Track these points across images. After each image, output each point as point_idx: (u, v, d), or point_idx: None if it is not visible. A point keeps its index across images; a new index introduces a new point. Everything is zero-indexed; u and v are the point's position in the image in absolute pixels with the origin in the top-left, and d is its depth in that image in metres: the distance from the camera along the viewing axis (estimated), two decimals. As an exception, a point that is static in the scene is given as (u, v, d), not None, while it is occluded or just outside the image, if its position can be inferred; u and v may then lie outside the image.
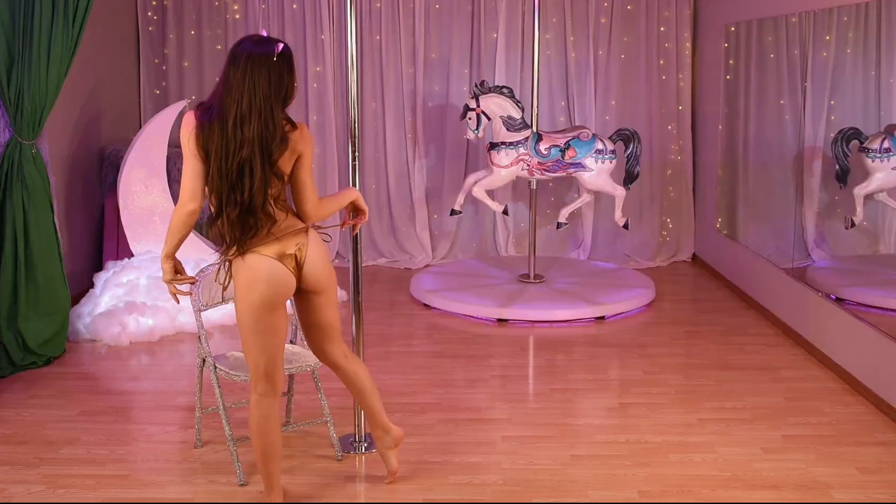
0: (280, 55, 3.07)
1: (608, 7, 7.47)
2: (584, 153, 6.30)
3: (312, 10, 7.37)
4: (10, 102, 4.88)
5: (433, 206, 7.64)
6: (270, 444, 3.32)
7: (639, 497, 3.63)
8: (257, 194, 3.04)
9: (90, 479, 3.77)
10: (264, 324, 3.19)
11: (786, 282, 5.72)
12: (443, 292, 6.31)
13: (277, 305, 3.20)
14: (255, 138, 3.01)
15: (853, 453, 3.99)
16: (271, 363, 3.25)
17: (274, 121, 3.04)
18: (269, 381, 3.27)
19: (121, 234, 6.13)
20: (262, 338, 3.21)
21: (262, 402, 3.28)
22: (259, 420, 3.29)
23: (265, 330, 3.20)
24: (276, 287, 3.17)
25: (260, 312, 3.17)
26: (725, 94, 6.83)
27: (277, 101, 3.06)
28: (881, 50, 4.99)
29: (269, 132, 3.03)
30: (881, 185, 5.04)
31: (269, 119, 3.03)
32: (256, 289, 3.15)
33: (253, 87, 3.01)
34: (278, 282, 3.17)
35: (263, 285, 3.15)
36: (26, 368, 5.01)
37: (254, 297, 3.15)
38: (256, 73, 3.02)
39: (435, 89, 7.54)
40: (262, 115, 3.01)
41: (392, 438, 3.70)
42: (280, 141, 3.06)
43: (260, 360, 3.24)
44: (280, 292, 3.19)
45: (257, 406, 3.28)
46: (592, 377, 4.98)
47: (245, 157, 3.01)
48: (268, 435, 3.31)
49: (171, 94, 7.42)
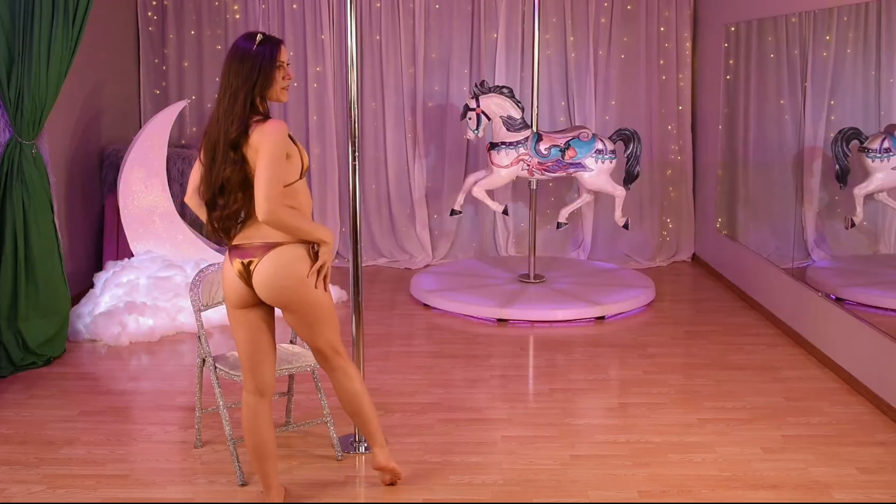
0: (259, 44, 3.12)
1: (608, 7, 7.47)
2: (584, 153, 6.30)
3: (312, 10, 7.37)
4: (10, 102, 4.87)
5: (433, 206, 7.64)
6: (261, 443, 3.36)
7: (639, 497, 3.63)
8: (225, 183, 3.13)
9: (90, 479, 3.77)
10: (234, 319, 3.34)
11: (786, 282, 5.72)
12: (443, 292, 6.31)
13: (238, 304, 3.30)
14: (222, 128, 3.11)
15: (853, 453, 3.99)
16: (248, 360, 3.35)
17: (234, 110, 3.09)
18: (252, 378, 3.36)
19: (121, 234, 6.13)
20: (238, 333, 3.35)
21: (249, 400, 3.38)
22: (247, 418, 3.37)
23: (238, 326, 3.33)
24: (229, 290, 3.30)
25: (230, 309, 3.34)
26: (725, 94, 6.83)
27: (245, 91, 3.09)
28: (881, 50, 4.99)
29: (228, 121, 3.09)
30: (881, 185, 5.04)
31: (231, 108, 3.09)
32: (223, 287, 3.36)
33: (227, 80, 3.11)
34: (231, 286, 3.29)
35: (225, 283, 3.32)
36: (26, 368, 5.01)
37: (224, 294, 3.35)
38: (234, 65, 3.12)
39: (435, 89, 7.54)
40: (228, 104, 3.10)
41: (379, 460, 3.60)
42: (240, 132, 3.09)
43: (241, 356, 3.37)
44: (233, 296, 3.29)
45: (245, 405, 3.39)
46: (592, 377, 4.98)
47: (216, 147, 3.13)
48: (257, 434, 3.35)
49: (171, 94, 7.42)
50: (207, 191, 3.19)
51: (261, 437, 3.35)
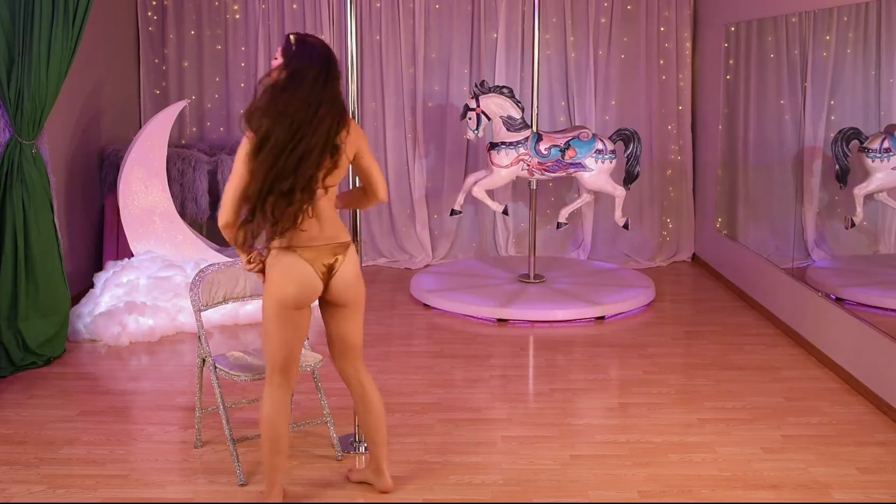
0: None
1: (608, 7, 7.47)
2: (584, 153, 6.30)
3: (312, 10, 7.37)
4: (10, 102, 4.87)
5: (433, 206, 7.64)
6: (279, 437, 3.35)
7: (639, 497, 3.63)
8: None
9: (90, 479, 3.77)
10: (288, 320, 3.28)
11: (786, 282, 5.72)
12: (443, 292, 6.31)
13: (303, 305, 3.29)
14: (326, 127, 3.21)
15: (853, 453, 3.99)
16: (290, 357, 3.34)
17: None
18: (285, 374, 3.34)
19: (121, 234, 6.13)
20: (284, 333, 3.29)
21: (275, 393, 3.34)
22: (270, 411, 3.33)
23: (288, 326, 3.29)
24: (300, 291, 3.25)
25: (287, 310, 3.26)
26: (725, 94, 6.83)
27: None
28: (881, 50, 4.99)
29: (333, 120, 3.23)
30: (881, 185, 5.04)
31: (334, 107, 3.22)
32: (287, 288, 3.23)
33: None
34: (306, 287, 3.25)
35: (294, 286, 3.23)
36: (26, 368, 5.01)
37: (283, 295, 3.24)
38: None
39: (435, 89, 7.54)
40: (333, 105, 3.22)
41: (380, 483, 3.62)
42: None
43: (279, 354, 3.31)
44: (304, 298, 3.27)
45: (270, 398, 3.34)
46: (592, 377, 4.98)
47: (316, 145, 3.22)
48: (277, 427, 3.34)
49: (171, 94, 7.42)
50: (285, 183, 3.08)
51: (279, 431, 3.35)
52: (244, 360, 3.91)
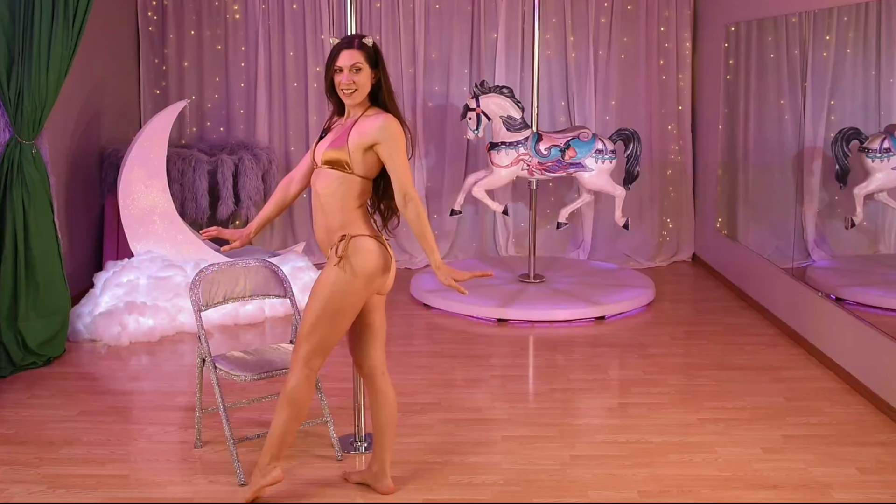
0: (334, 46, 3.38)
1: (608, 7, 7.47)
2: (584, 153, 6.30)
3: (312, 10, 7.37)
4: (10, 102, 4.88)
5: (433, 206, 7.64)
6: (304, 415, 3.43)
7: (639, 497, 3.63)
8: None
9: (90, 479, 3.77)
10: (358, 307, 3.36)
11: (786, 282, 5.72)
12: (443, 292, 6.31)
13: (383, 291, 3.45)
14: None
15: (853, 453, 3.99)
16: (333, 343, 3.39)
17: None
18: (323, 358, 3.40)
19: (121, 234, 6.13)
20: (346, 319, 3.36)
21: (312, 377, 3.39)
22: (307, 394, 3.38)
23: (355, 310, 3.36)
24: (391, 276, 3.40)
25: (366, 297, 3.36)
26: (725, 94, 6.83)
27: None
28: (881, 50, 4.99)
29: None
30: (881, 185, 5.04)
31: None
32: (384, 275, 3.36)
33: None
34: (393, 273, 3.41)
35: (388, 273, 3.38)
36: (26, 368, 5.01)
37: (375, 283, 3.34)
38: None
39: (435, 89, 7.54)
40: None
41: (381, 486, 3.62)
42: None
43: (332, 339, 3.37)
44: (390, 283, 3.44)
45: (307, 381, 3.37)
46: (592, 377, 4.98)
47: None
48: (306, 408, 3.41)
49: (171, 94, 7.42)
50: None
51: (306, 410, 3.42)
52: (244, 360, 3.91)
